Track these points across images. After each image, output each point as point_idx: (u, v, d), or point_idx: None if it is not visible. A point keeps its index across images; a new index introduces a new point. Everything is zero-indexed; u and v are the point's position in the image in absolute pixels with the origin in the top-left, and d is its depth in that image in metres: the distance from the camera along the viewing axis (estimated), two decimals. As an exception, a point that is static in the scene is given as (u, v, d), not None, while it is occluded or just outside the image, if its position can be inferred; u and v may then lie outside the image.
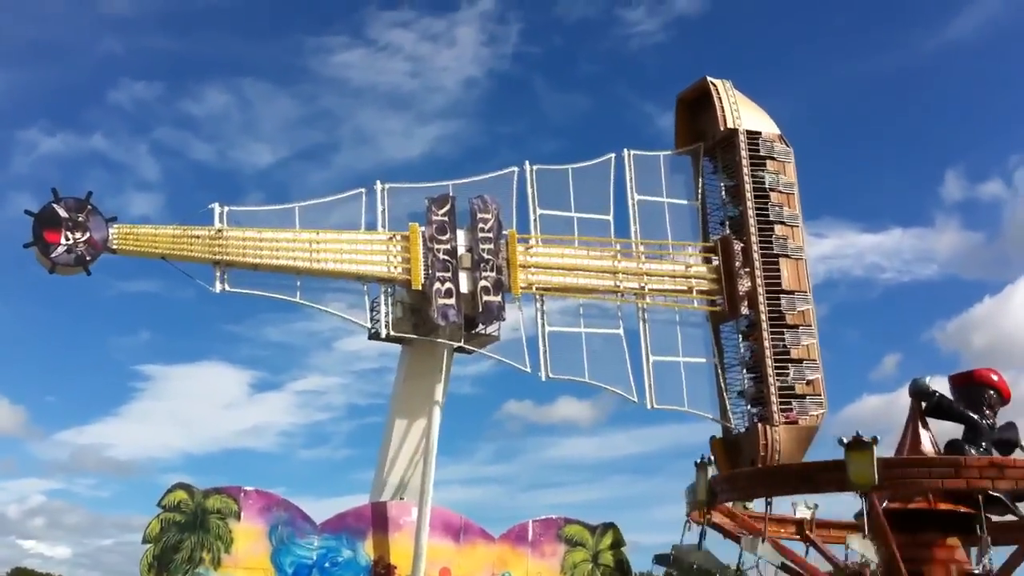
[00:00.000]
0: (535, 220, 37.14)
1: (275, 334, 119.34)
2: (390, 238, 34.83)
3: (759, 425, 37.41)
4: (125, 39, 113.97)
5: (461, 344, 35.50)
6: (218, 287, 32.73)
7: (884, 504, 19.04)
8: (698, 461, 31.14)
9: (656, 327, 38.18)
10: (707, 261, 39.57)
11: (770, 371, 38.18)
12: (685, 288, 38.91)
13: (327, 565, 33.46)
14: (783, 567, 24.87)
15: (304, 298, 33.66)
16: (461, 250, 35.32)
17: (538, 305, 36.48)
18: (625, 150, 39.30)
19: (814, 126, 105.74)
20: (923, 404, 28.54)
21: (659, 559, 32.86)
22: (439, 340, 34.96)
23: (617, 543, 37.24)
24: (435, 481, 34.85)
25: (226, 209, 33.23)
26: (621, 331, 37.31)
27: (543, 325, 36.24)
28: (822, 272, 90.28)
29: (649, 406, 37.09)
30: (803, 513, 30.80)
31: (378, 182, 35.23)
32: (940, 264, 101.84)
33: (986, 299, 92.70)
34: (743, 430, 38.42)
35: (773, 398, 37.82)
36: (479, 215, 35.78)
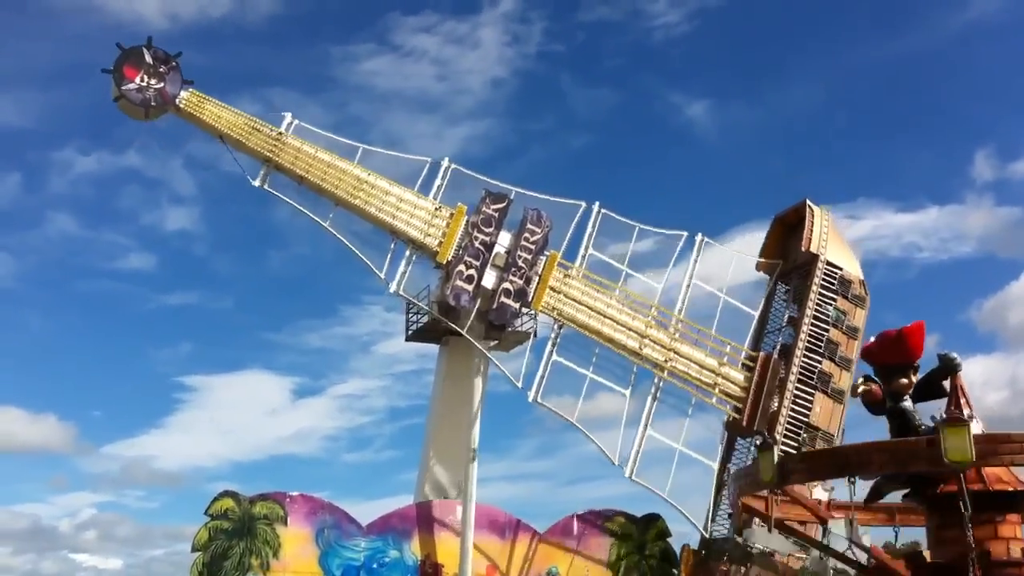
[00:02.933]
0: (584, 256, 36.58)
1: (314, 340, 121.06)
2: (437, 209, 35.03)
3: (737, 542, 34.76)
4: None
5: (482, 346, 35.14)
6: (258, 182, 33.62)
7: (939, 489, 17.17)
8: (759, 443, 29.06)
9: (665, 408, 36.52)
10: (746, 369, 37.83)
11: (766, 499, 35.65)
12: (710, 383, 37.14)
13: (375, 566, 34.07)
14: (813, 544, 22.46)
15: (333, 228, 34.01)
16: (499, 249, 35.11)
17: (554, 332, 35.60)
18: (699, 235, 38.56)
19: (843, 108, 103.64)
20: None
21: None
22: (458, 328, 34.73)
23: (662, 534, 36.75)
24: (478, 479, 35.01)
25: (296, 122, 34.39)
26: (628, 392, 35.81)
27: (551, 351, 35.25)
28: (859, 254, 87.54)
29: (627, 474, 35.03)
30: (819, 495, 28.52)
31: (446, 159, 35.79)
32: (977, 241, 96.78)
33: (1022, 276, 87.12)
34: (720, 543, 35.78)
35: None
36: (529, 225, 35.64)
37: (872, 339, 17.80)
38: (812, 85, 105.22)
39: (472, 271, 34.40)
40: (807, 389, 37.43)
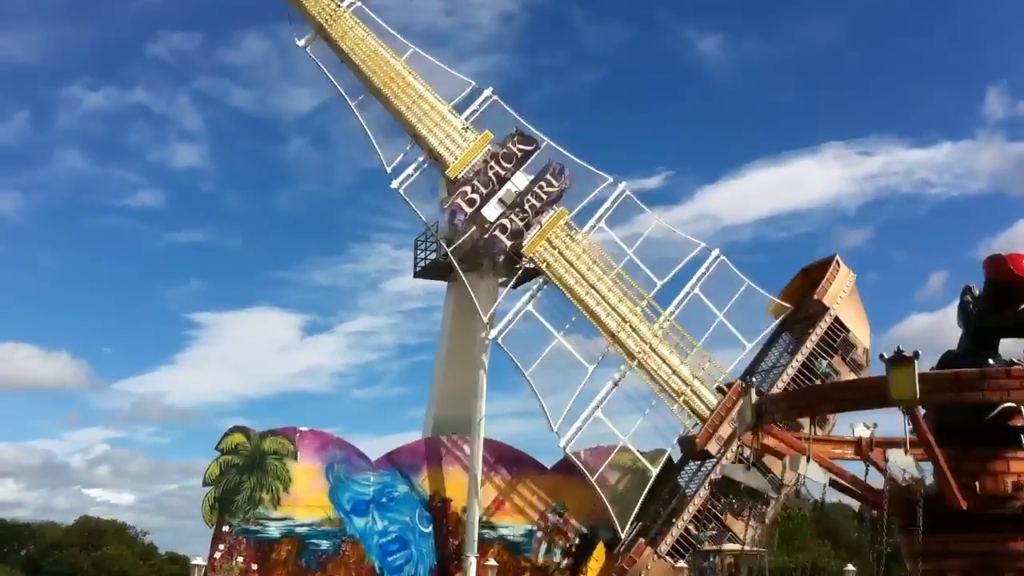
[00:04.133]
0: (593, 227, 36.09)
1: (322, 277, 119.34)
2: (464, 128, 35.07)
3: (641, 542, 33.44)
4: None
5: (489, 281, 35.26)
6: (301, 42, 34.34)
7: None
8: (744, 384, 28.29)
9: (622, 396, 35.47)
10: (720, 392, 36.52)
11: (685, 521, 34.25)
12: (677, 391, 35.98)
13: (384, 500, 34.59)
14: (832, 484, 21.77)
15: (357, 110, 34.30)
16: (511, 187, 34.90)
17: (536, 285, 35.10)
18: (717, 250, 37.58)
19: (857, 44, 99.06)
20: None
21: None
22: (449, 252, 34.88)
23: (669, 467, 35.75)
24: (487, 415, 35.27)
25: (359, 4, 34.97)
26: (591, 369, 34.89)
27: (527, 301, 34.71)
28: (870, 191, 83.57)
29: (560, 444, 34.13)
30: (861, 432, 27.34)
31: (489, 88, 35.86)
32: (988, 178, 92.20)
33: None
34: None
35: (670, 538, 33.83)
36: (548, 176, 35.36)
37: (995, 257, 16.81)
38: (826, 20, 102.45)
39: (476, 196, 34.23)
40: (772, 431, 35.88)
